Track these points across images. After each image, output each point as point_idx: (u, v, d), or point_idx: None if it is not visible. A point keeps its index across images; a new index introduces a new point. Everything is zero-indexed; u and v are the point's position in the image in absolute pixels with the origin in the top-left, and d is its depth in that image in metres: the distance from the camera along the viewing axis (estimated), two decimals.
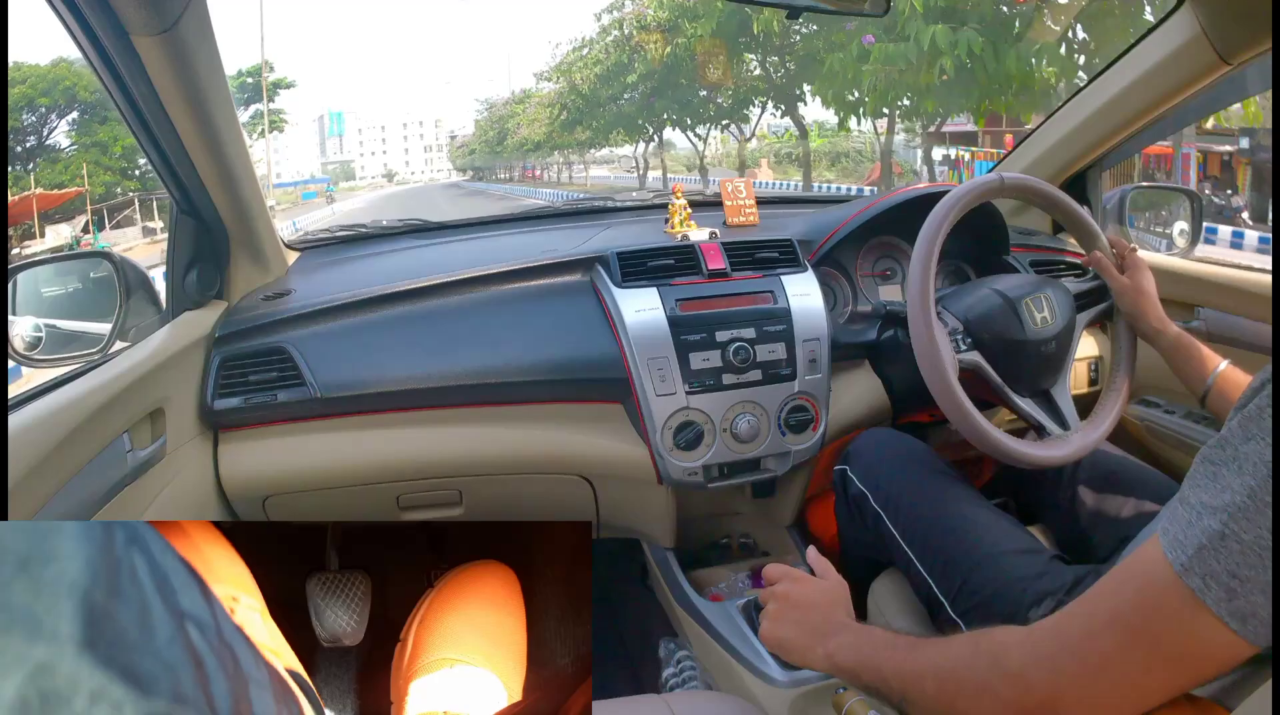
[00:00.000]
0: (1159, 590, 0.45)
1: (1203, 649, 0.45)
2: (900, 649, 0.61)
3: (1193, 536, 0.44)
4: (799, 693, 0.94)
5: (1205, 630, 0.44)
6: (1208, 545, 0.43)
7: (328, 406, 1.05)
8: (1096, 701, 0.49)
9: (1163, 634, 0.46)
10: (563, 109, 18.18)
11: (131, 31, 0.79)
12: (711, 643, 1.04)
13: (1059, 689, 0.50)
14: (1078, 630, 0.50)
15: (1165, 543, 0.46)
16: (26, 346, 0.93)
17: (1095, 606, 0.50)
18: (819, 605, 0.74)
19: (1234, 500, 0.43)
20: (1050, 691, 0.50)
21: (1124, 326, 1.04)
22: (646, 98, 14.88)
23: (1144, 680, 0.47)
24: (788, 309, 1.12)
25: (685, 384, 1.07)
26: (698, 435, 1.08)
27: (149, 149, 0.94)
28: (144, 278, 1.04)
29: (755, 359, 1.09)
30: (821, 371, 1.11)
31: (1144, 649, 0.47)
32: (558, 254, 1.18)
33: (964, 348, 0.96)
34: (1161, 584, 0.45)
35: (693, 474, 1.10)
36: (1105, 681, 0.48)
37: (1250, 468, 0.43)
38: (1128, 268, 1.01)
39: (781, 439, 1.11)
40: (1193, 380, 0.94)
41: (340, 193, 40.40)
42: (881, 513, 0.96)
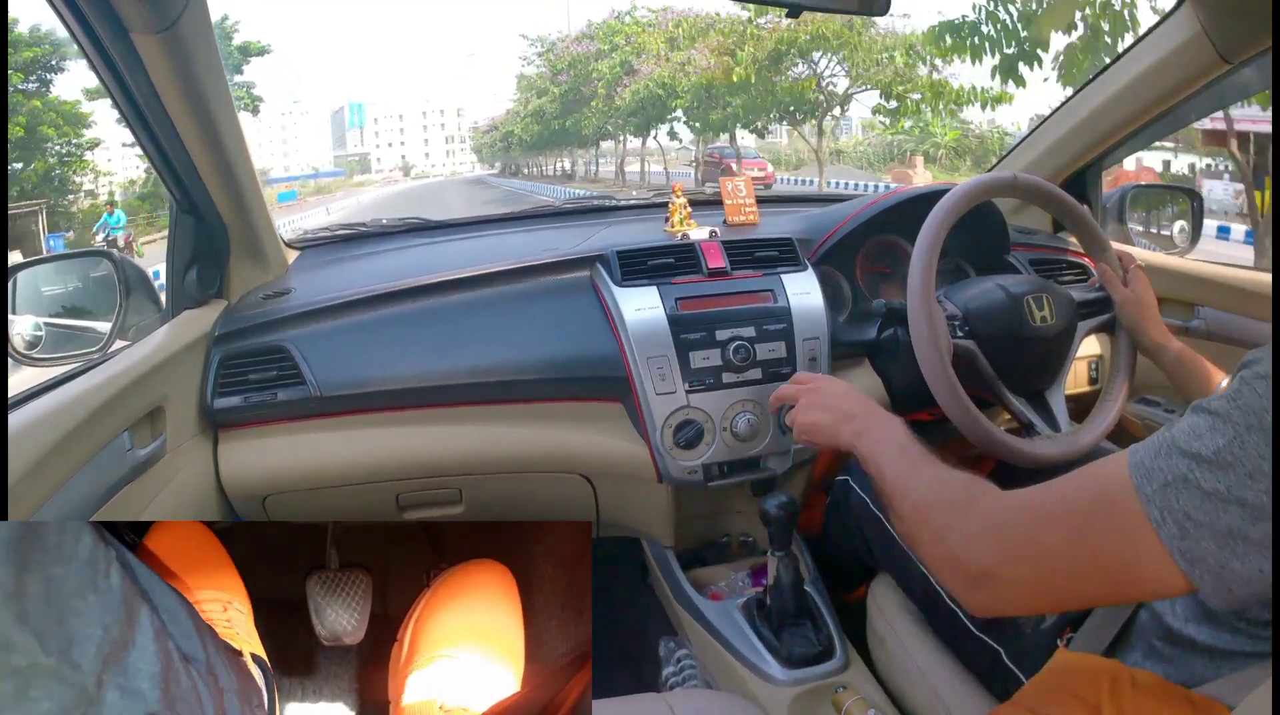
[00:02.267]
0: (1117, 506, 0.49)
1: (1143, 572, 0.48)
2: (905, 460, 0.67)
3: (1159, 470, 0.47)
4: (799, 691, 0.94)
5: (1151, 558, 0.47)
6: (1172, 484, 0.47)
7: (328, 405, 1.05)
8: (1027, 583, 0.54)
9: (1107, 546, 0.49)
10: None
11: (131, 30, 0.79)
12: (711, 642, 1.04)
13: (998, 563, 0.54)
14: (1031, 515, 0.54)
15: (1132, 464, 0.49)
16: (26, 345, 0.93)
17: (1054, 498, 0.54)
18: (849, 395, 0.81)
19: (1202, 451, 0.46)
20: (990, 564, 0.55)
21: (1123, 341, 1.03)
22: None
23: (1077, 579, 0.51)
24: (788, 308, 1.12)
25: (685, 382, 1.07)
26: (698, 434, 1.08)
27: (148, 147, 0.94)
28: (144, 276, 1.04)
29: (755, 358, 1.09)
30: (821, 370, 1.11)
31: (1085, 551, 0.50)
32: (558, 253, 1.18)
33: (960, 335, 0.96)
34: (1121, 502, 0.48)
35: (692, 472, 1.10)
36: (1041, 570, 0.53)
37: (1222, 427, 0.46)
38: (1130, 280, 1.00)
39: (781, 437, 1.11)
40: (1196, 397, 0.94)
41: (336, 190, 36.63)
42: (881, 516, 0.96)
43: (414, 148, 57.55)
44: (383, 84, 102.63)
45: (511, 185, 27.07)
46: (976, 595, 0.56)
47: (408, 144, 57.58)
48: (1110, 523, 0.49)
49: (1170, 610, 0.63)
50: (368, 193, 32.33)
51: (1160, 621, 0.64)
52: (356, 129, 58.36)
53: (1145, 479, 0.48)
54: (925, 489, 0.62)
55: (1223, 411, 0.46)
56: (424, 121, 58.18)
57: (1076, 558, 0.51)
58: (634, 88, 16.16)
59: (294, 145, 52.98)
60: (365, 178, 47.15)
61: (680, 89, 14.78)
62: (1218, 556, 0.45)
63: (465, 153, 52.72)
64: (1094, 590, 0.52)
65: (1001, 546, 0.54)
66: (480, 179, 35.15)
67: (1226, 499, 0.44)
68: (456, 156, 54.97)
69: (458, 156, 54.51)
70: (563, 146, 25.32)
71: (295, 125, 54.21)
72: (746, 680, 0.97)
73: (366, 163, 54.01)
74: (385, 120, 58.81)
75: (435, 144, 57.70)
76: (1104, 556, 0.49)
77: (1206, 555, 0.45)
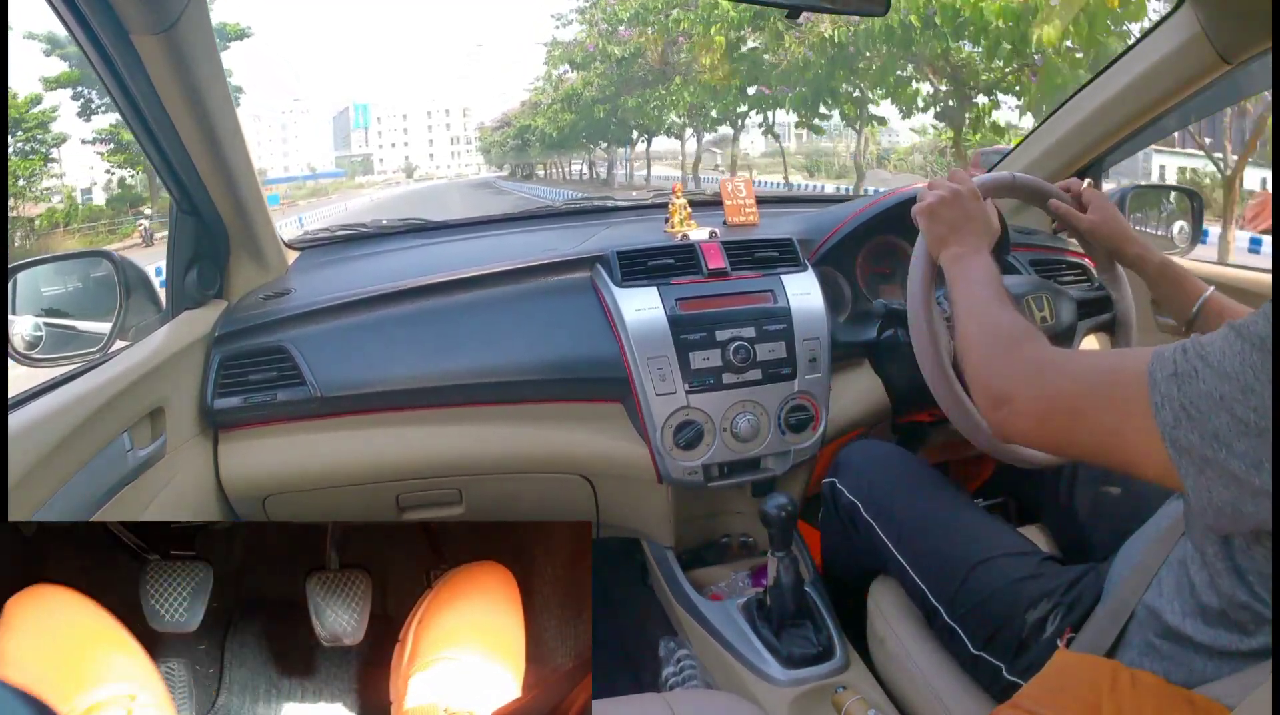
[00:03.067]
0: (1128, 380, 0.55)
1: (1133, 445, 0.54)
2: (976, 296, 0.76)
3: (1174, 361, 0.52)
4: (799, 692, 0.94)
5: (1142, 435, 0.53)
6: (1178, 374, 0.52)
7: (328, 406, 1.05)
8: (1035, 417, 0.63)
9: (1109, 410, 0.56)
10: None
11: (131, 30, 0.80)
12: (711, 642, 1.04)
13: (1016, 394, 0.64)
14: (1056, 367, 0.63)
15: (1155, 353, 0.54)
16: (26, 345, 0.93)
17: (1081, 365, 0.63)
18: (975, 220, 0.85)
19: (1211, 356, 0.50)
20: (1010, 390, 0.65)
21: (1124, 340, 1.02)
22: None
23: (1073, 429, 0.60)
24: (788, 308, 1.12)
25: (685, 383, 1.07)
26: (698, 434, 1.08)
27: (148, 148, 0.94)
28: (144, 277, 1.04)
29: (755, 358, 1.09)
30: (821, 371, 1.11)
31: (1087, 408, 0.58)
32: (558, 253, 1.18)
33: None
34: (1132, 378, 0.54)
35: (692, 473, 1.10)
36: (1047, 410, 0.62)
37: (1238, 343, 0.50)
38: (1087, 204, 0.97)
39: (781, 438, 1.11)
40: (1178, 308, 0.92)
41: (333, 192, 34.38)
42: (874, 523, 0.95)
43: (418, 149, 55.02)
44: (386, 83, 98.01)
45: (526, 191, 22.08)
46: (995, 413, 0.66)
47: (412, 145, 55.06)
48: (1117, 392, 0.55)
49: (1168, 607, 0.63)
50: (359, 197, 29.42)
51: (1159, 618, 0.64)
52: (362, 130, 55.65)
53: (1159, 366, 0.53)
54: (984, 324, 0.72)
55: (1239, 328, 0.50)
56: (429, 122, 55.63)
57: (1080, 412, 0.59)
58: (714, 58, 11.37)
59: (294, 145, 51.35)
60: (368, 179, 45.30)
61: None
62: (1201, 451, 0.50)
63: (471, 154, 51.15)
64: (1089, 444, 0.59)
65: (1026, 384, 0.64)
66: (487, 182, 31.99)
67: (1220, 405, 0.49)
68: (462, 158, 52.88)
69: (463, 158, 52.78)
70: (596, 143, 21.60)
71: (295, 125, 52.59)
72: (746, 680, 0.97)
73: (369, 164, 52.11)
74: (389, 120, 56.02)
75: (440, 145, 55.17)
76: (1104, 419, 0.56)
77: (1193, 447, 0.50)
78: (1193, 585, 0.61)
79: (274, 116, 51.16)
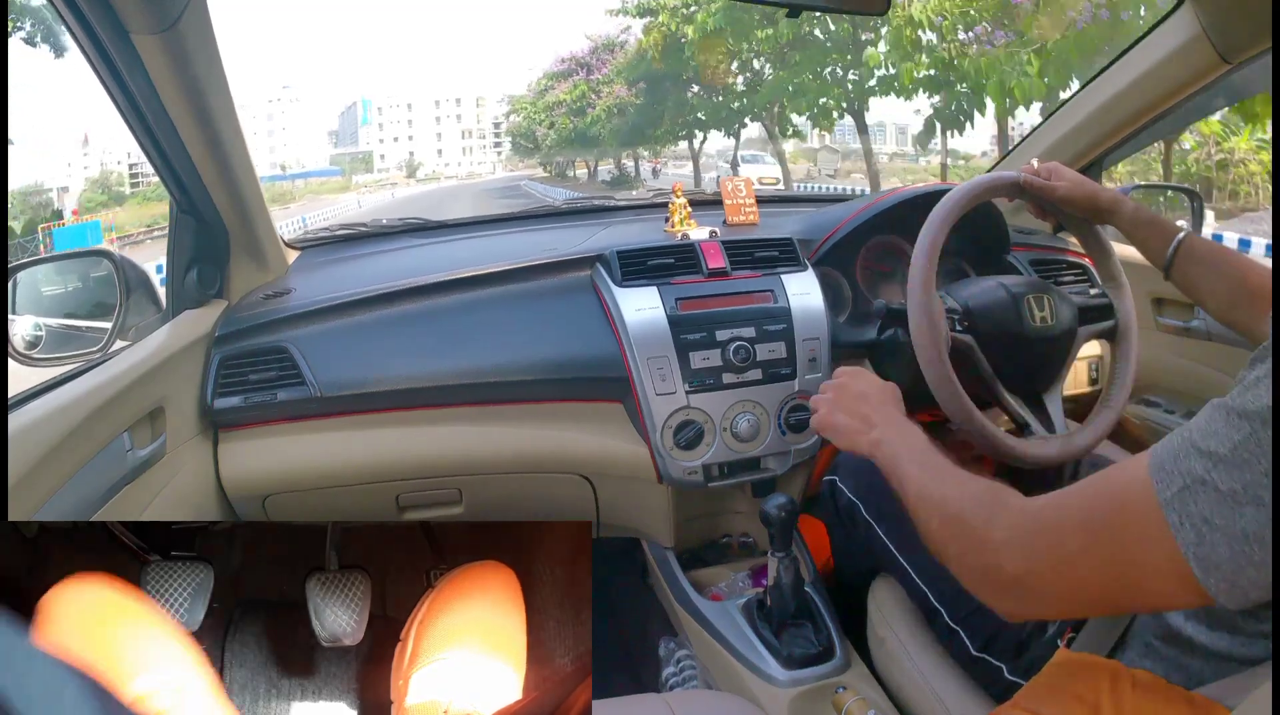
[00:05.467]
0: (1136, 511, 0.47)
1: (1161, 580, 0.47)
2: (927, 471, 0.67)
3: (1178, 472, 0.46)
4: (799, 692, 0.94)
5: (1169, 563, 0.45)
6: (1189, 487, 0.45)
7: (328, 405, 1.05)
8: (1054, 591, 0.53)
9: (1126, 552, 0.48)
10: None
11: (131, 30, 0.80)
12: (711, 642, 1.04)
13: (1026, 572, 0.54)
14: (1055, 521, 0.53)
15: (1152, 466, 0.48)
16: (26, 345, 0.93)
17: (1077, 503, 0.53)
18: (872, 397, 0.79)
19: (1218, 450, 0.44)
20: (1019, 572, 0.54)
21: (1124, 350, 1.02)
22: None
23: (1097, 587, 0.51)
24: (788, 308, 1.12)
25: (685, 383, 1.07)
26: (698, 434, 1.08)
27: (149, 148, 0.94)
28: (144, 277, 1.04)
29: (755, 358, 1.09)
30: (821, 370, 1.11)
31: (1106, 559, 0.49)
32: (558, 253, 1.18)
33: (959, 329, 0.96)
34: (1140, 506, 0.47)
35: (692, 473, 1.10)
36: (1065, 577, 0.52)
37: (1236, 423, 0.44)
38: (1050, 175, 0.98)
39: (781, 438, 1.11)
40: (1154, 253, 0.93)
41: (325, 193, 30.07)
42: (874, 522, 0.96)
43: (424, 143, 46.87)
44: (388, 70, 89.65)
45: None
46: (1006, 603, 0.56)
47: (416, 139, 47.01)
48: (1130, 528, 0.48)
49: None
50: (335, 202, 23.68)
51: (1160, 620, 0.64)
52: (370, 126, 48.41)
53: (1165, 483, 0.46)
54: (950, 501, 0.62)
55: (1239, 408, 0.45)
56: (436, 112, 47.41)
57: (1099, 565, 0.50)
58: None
59: (281, 139, 44.76)
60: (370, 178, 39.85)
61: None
62: (1232, 561, 0.43)
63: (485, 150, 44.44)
64: (1118, 598, 0.51)
65: (1028, 555, 0.54)
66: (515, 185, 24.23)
67: (1243, 499, 0.43)
68: (474, 154, 45.52)
69: (475, 154, 45.43)
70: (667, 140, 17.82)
71: (284, 114, 45.83)
72: (746, 680, 0.97)
73: (370, 161, 45.81)
74: (391, 111, 47.66)
75: (449, 139, 47.10)
76: (1124, 563, 0.48)
77: (1221, 561, 0.44)
78: None
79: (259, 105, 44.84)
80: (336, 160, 45.55)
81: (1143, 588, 0.48)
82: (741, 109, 14.19)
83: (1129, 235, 0.95)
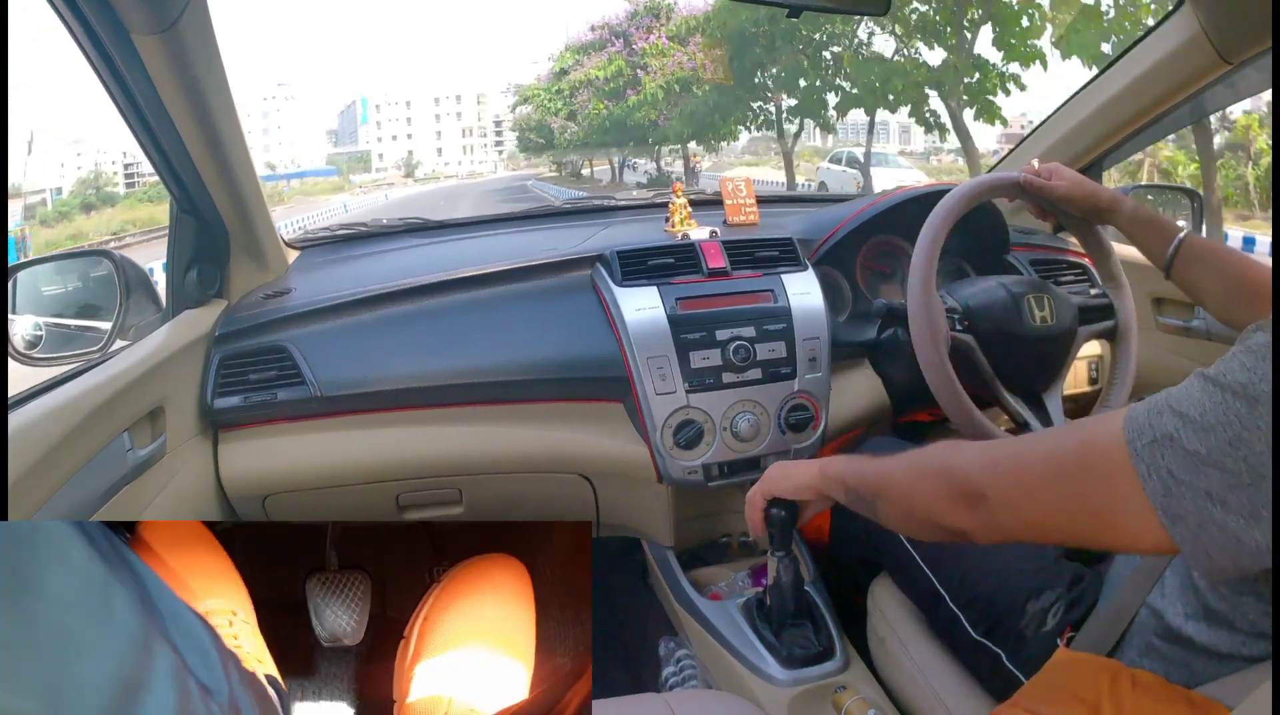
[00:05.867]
0: (1106, 455, 0.50)
1: (1126, 522, 0.50)
2: (881, 461, 0.68)
3: (1149, 426, 0.49)
4: (798, 692, 0.94)
5: (1134, 509, 0.49)
6: (1159, 441, 0.48)
7: (328, 405, 1.05)
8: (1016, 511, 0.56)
9: (1091, 490, 0.51)
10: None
11: (132, 30, 0.79)
12: (711, 642, 1.04)
13: (989, 486, 0.57)
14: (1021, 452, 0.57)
15: (1128, 418, 0.50)
16: (26, 345, 0.93)
17: (1047, 442, 0.57)
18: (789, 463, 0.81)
19: (1189, 412, 0.47)
20: (983, 485, 0.57)
21: (1124, 351, 1.02)
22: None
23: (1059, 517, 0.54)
24: (788, 308, 1.12)
25: (685, 382, 1.07)
26: (698, 434, 1.08)
27: (149, 148, 0.94)
28: (144, 276, 1.04)
29: (755, 358, 1.09)
30: (821, 370, 1.11)
31: (1070, 492, 0.53)
32: (558, 253, 1.18)
33: (959, 328, 0.96)
34: (1110, 452, 0.50)
35: (692, 472, 1.10)
36: (1027, 500, 0.55)
37: (1211, 390, 0.47)
38: (1049, 175, 0.99)
39: (782, 437, 1.11)
40: (1154, 253, 0.93)
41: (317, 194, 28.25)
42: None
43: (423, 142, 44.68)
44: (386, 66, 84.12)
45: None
46: (972, 516, 0.58)
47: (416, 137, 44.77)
48: (1098, 470, 0.51)
49: (1171, 608, 0.63)
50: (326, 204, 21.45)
51: (1160, 619, 0.64)
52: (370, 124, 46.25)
53: (1137, 434, 0.49)
54: (911, 457, 0.65)
55: (1214, 377, 0.48)
56: (436, 110, 45.16)
57: (1062, 498, 0.53)
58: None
59: (277, 137, 42.97)
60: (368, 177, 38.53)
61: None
62: (1197, 516, 0.46)
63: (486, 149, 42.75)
64: (1079, 530, 0.54)
65: (992, 472, 0.57)
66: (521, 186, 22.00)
67: (1207, 461, 0.46)
68: (475, 153, 43.72)
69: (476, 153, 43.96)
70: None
71: (279, 113, 43.98)
72: (746, 680, 0.97)
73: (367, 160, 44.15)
74: (389, 108, 45.45)
75: (449, 137, 44.88)
76: (1089, 500, 0.52)
77: (1187, 514, 0.47)
78: (1197, 587, 0.61)
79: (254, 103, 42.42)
80: (333, 160, 44.14)
81: (1111, 526, 0.51)
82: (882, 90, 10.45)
83: (1129, 235, 0.96)
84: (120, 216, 22.43)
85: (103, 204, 27.00)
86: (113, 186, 29.66)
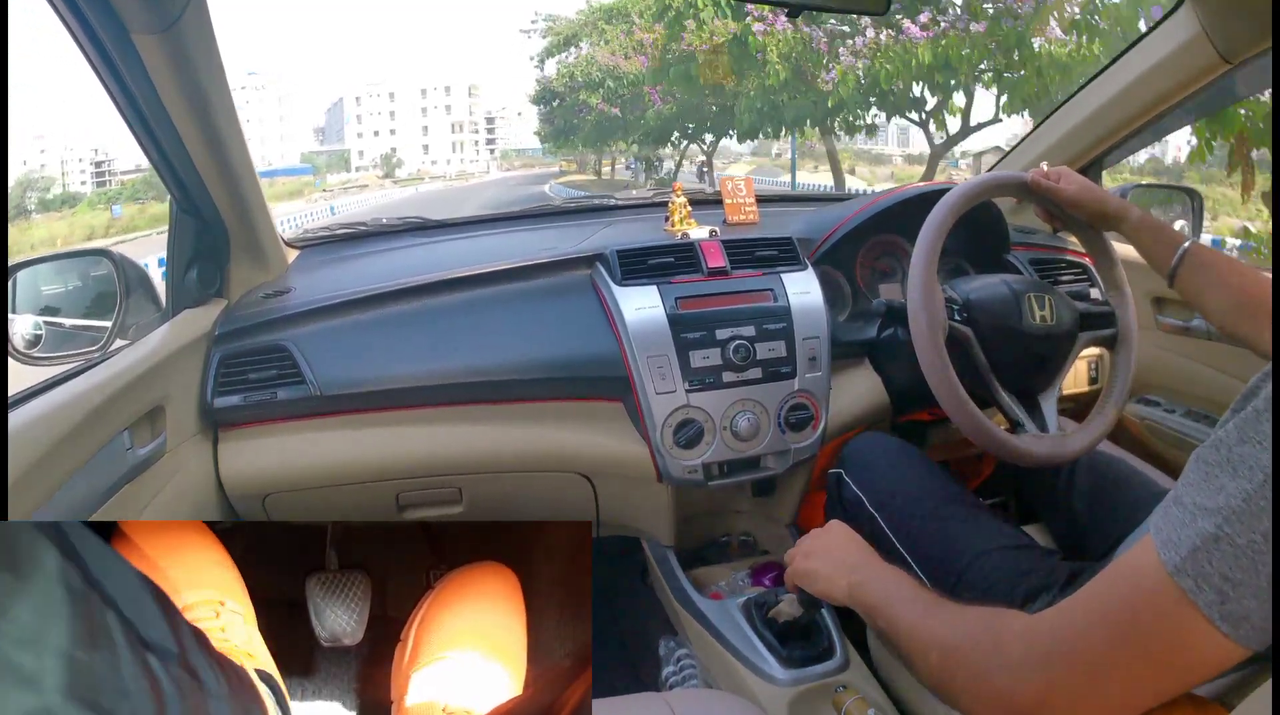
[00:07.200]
0: (1151, 590, 0.45)
1: (1193, 651, 0.44)
2: (917, 607, 0.61)
3: (1186, 537, 0.43)
4: (799, 691, 0.94)
5: (1196, 632, 0.43)
6: (1201, 547, 0.43)
7: (327, 404, 1.05)
8: (1086, 703, 0.48)
9: (1153, 635, 0.45)
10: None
11: (132, 30, 0.80)
12: (711, 641, 1.04)
13: (1050, 688, 0.49)
14: (1071, 627, 0.49)
15: (1159, 542, 0.45)
16: (26, 345, 0.93)
17: (1088, 604, 0.49)
18: (838, 544, 0.77)
19: (1229, 503, 0.42)
20: (1042, 690, 0.49)
21: (1123, 359, 1.02)
22: None
23: (1134, 682, 0.47)
24: (788, 307, 1.12)
25: (685, 382, 1.07)
26: (698, 433, 1.08)
27: (149, 148, 0.94)
28: (144, 276, 1.04)
29: (755, 357, 1.09)
30: (821, 369, 1.11)
31: (1133, 649, 0.46)
32: (558, 252, 1.18)
33: (958, 320, 0.96)
34: (1153, 583, 0.45)
35: (692, 472, 1.10)
36: (1096, 682, 0.48)
37: (1245, 471, 0.42)
38: (1059, 179, 0.98)
39: (781, 437, 1.11)
40: (1158, 261, 0.93)
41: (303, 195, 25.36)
42: (877, 515, 0.96)
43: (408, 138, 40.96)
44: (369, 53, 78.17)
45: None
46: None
47: (400, 133, 40.90)
48: (1151, 611, 0.45)
49: None
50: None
51: None
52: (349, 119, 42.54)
53: (1173, 551, 0.44)
54: (949, 633, 0.57)
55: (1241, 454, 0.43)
56: (423, 103, 41.28)
57: (1128, 660, 0.46)
58: None
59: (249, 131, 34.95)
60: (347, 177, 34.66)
61: None
62: (1261, 612, 0.41)
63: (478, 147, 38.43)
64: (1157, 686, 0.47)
65: (1049, 670, 0.49)
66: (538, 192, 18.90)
67: (1263, 548, 0.41)
68: (465, 150, 40.26)
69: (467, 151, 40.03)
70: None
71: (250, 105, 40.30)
72: (746, 680, 0.97)
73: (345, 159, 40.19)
74: (370, 101, 41.08)
75: (437, 133, 41.01)
76: (1153, 649, 0.45)
77: (1250, 613, 0.42)
78: None
79: None
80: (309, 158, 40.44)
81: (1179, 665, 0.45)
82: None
83: (1134, 242, 0.95)
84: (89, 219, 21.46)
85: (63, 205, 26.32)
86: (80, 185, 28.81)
